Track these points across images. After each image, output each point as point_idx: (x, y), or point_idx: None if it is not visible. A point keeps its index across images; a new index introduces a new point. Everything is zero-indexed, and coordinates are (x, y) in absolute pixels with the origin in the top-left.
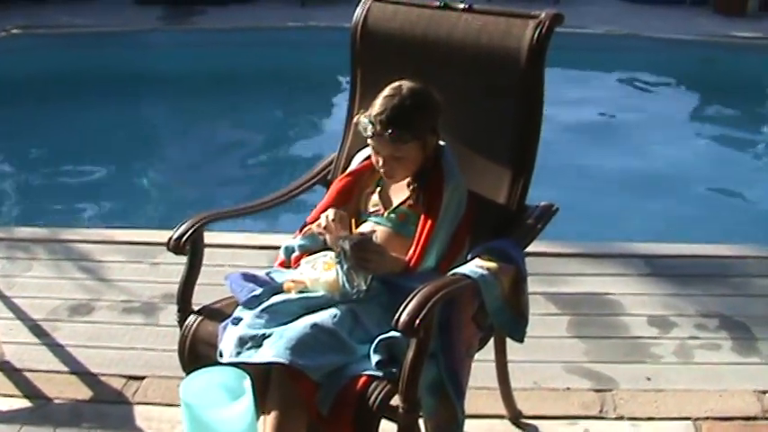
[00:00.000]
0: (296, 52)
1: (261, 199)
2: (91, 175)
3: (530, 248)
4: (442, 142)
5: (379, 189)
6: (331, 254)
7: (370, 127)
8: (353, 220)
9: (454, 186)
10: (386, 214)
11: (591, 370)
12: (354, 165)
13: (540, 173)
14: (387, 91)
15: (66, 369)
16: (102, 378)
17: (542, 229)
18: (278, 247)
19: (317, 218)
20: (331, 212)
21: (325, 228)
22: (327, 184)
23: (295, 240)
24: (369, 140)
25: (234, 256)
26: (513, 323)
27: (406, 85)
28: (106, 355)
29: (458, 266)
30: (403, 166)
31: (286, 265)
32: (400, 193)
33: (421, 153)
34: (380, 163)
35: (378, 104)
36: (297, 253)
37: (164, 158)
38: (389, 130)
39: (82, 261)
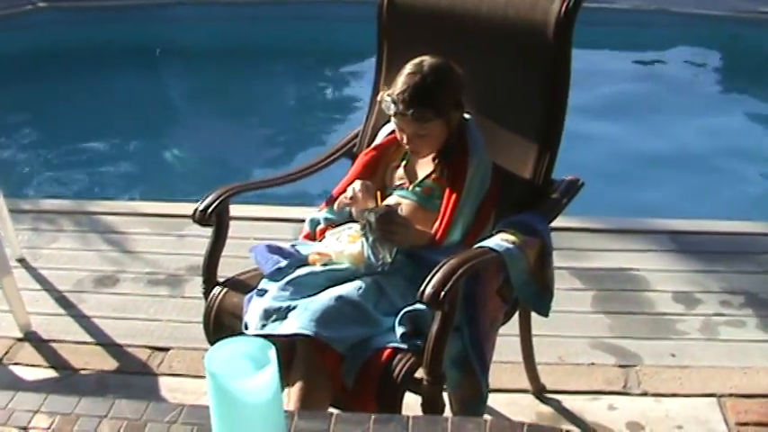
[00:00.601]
0: (323, 26)
1: (286, 171)
2: (117, 148)
3: (555, 223)
4: (467, 116)
5: (404, 163)
6: (356, 226)
7: (392, 106)
8: (379, 194)
9: (478, 160)
10: (411, 188)
11: (615, 345)
12: (380, 138)
13: (566, 147)
14: (408, 68)
15: (91, 340)
16: (128, 349)
17: (568, 204)
18: (303, 220)
19: (343, 190)
20: (358, 184)
21: (351, 198)
22: (353, 158)
23: (320, 213)
24: (392, 119)
25: (259, 228)
26: (539, 297)
27: (427, 61)
28: (132, 326)
29: (483, 240)
30: (427, 143)
31: (311, 237)
32: (425, 166)
33: (445, 129)
34: (405, 140)
35: (399, 83)
36: (322, 225)
37: (189, 132)
38: (412, 110)
39: (107, 233)
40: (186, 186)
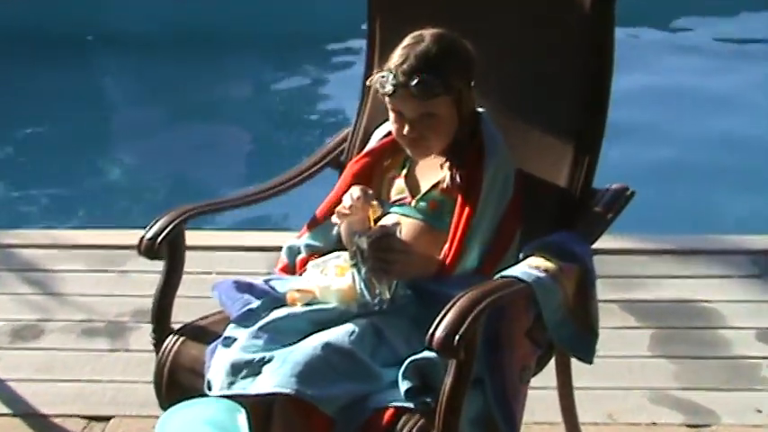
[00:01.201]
0: (299, 3)
1: (257, 188)
2: (38, 161)
3: (599, 243)
4: (480, 109)
5: (404, 172)
6: (345, 255)
7: (390, 78)
8: (372, 211)
9: (497, 162)
10: (414, 202)
11: (682, 399)
12: (374, 142)
13: (611, 148)
14: (407, 40)
15: (7, 411)
16: (56, 420)
17: (615, 219)
18: (279, 248)
19: (330, 209)
20: (356, 190)
21: (350, 209)
22: (341, 168)
23: (301, 239)
24: (388, 102)
25: (223, 260)
26: (580, 339)
27: (429, 31)
28: (61, 390)
29: (506, 267)
30: (434, 131)
31: (290, 270)
32: (431, 174)
33: (455, 114)
34: (405, 130)
35: (397, 55)
36: (303, 254)
37: (133, 140)
38: (415, 79)
39: (27, 271)
40: (130, 209)
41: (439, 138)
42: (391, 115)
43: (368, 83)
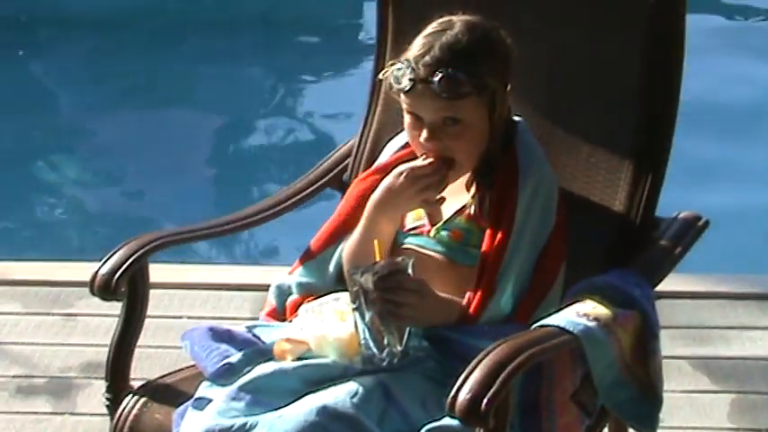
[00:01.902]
0: None
1: (239, 213)
2: None
3: (664, 285)
4: (517, 117)
5: None
6: (345, 296)
7: (408, 71)
8: (377, 243)
9: (536, 182)
10: (433, 232)
11: None
12: (386, 156)
13: (677, 168)
14: (432, 27)
15: None
16: None
17: (684, 255)
18: (266, 288)
19: (327, 241)
20: (404, 167)
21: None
22: (343, 189)
23: (292, 276)
24: (404, 102)
25: (196, 301)
26: (639, 405)
27: (460, 17)
28: None
29: (547, 315)
30: (459, 141)
31: (278, 315)
32: (455, 197)
33: (486, 120)
34: (423, 138)
35: (418, 45)
36: (295, 296)
37: (85, 146)
38: (439, 74)
39: None
40: (80, 237)
41: (465, 150)
42: (407, 119)
43: (380, 77)
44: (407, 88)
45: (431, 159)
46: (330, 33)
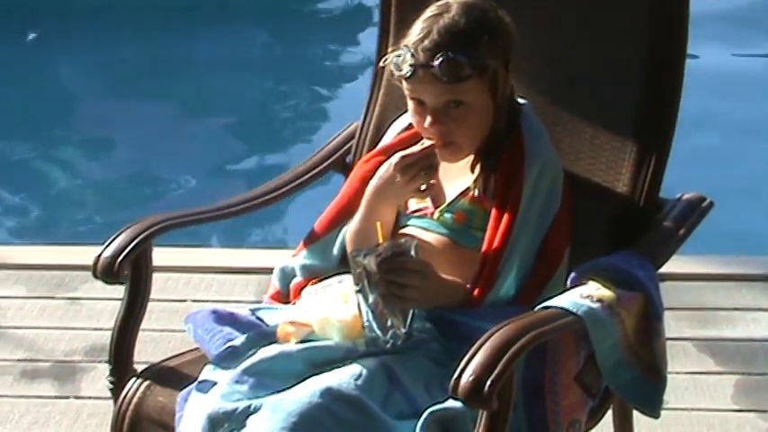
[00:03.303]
0: None
1: (243, 196)
2: None
3: (668, 267)
4: (521, 100)
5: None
6: (348, 278)
7: (408, 57)
8: (380, 225)
9: (541, 165)
10: (437, 214)
11: None
12: (389, 138)
13: (683, 147)
14: (429, 11)
15: None
16: None
17: (688, 236)
18: (270, 271)
19: (331, 223)
20: (396, 157)
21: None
22: (347, 171)
23: (296, 259)
24: (406, 88)
25: (200, 284)
26: (643, 386)
27: (456, 1)
28: None
29: (551, 296)
30: (463, 124)
31: (282, 298)
32: (459, 179)
33: (489, 102)
34: (427, 122)
35: (417, 30)
36: (299, 278)
37: (88, 130)
38: (440, 58)
39: None
40: (83, 220)
41: (469, 133)
42: (410, 105)
43: (381, 63)
44: (408, 74)
45: (420, 147)
46: (334, 14)
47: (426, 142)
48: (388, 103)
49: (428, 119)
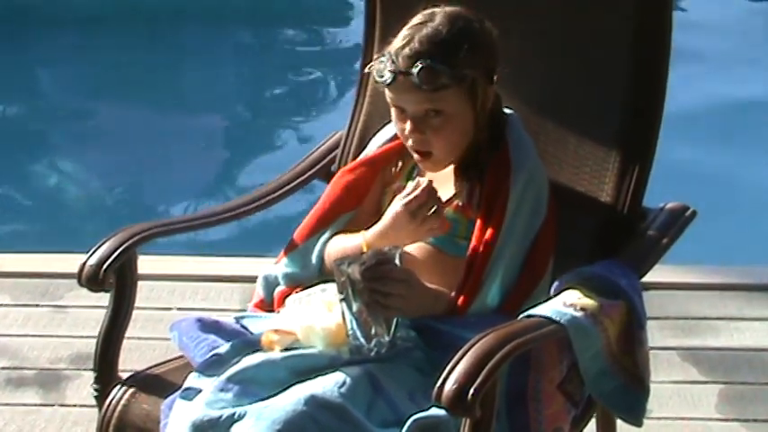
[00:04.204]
0: None
1: (228, 204)
2: None
3: (651, 276)
4: (508, 110)
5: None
6: (332, 287)
7: (389, 65)
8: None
9: (528, 176)
10: None
11: None
12: (373, 148)
13: (666, 157)
14: (415, 19)
15: None
16: None
17: (671, 245)
18: (254, 279)
19: (311, 231)
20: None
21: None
22: (331, 179)
23: (278, 267)
24: (388, 96)
25: (185, 292)
26: (626, 395)
27: (443, 9)
28: None
29: (535, 305)
30: (442, 133)
31: (266, 306)
32: (444, 188)
33: (470, 111)
34: (407, 130)
35: (400, 37)
36: (282, 286)
37: (73, 137)
38: (419, 66)
39: None
40: (69, 227)
41: (447, 142)
42: (393, 112)
43: (366, 70)
44: (389, 81)
45: (421, 187)
46: (319, 26)
47: (422, 180)
48: (372, 112)
49: (408, 125)
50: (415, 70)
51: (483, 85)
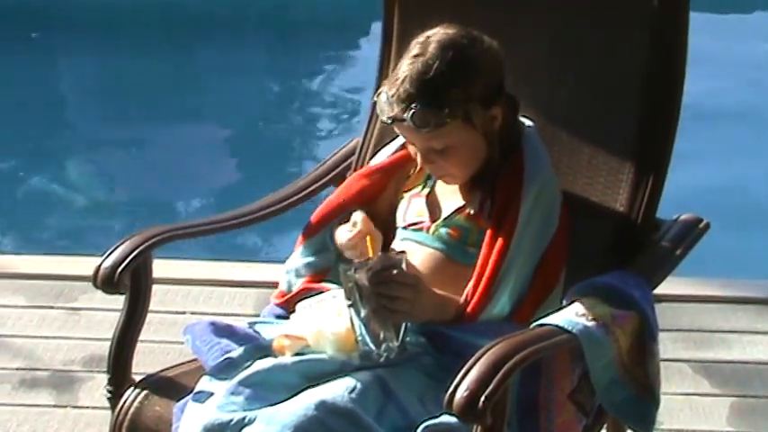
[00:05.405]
0: None
1: (244, 209)
2: None
3: (664, 288)
4: (528, 122)
5: (426, 190)
6: (342, 293)
7: (386, 109)
8: (369, 238)
9: (540, 187)
10: (432, 228)
11: None
12: (383, 157)
13: (680, 170)
14: (412, 48)
15: None
16: None
17: (684, 257)
18: (269, 284)
19: (330, 212)
20: (359, 215)
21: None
22: None
23: (296, 256)
24: (395, 128)
25: (200, 296)
26: (636, 406)
27: (437, 36)
28: None
29: (546, 314)
30: (454, 162)
31: (287, 300)
32: (456, 195)
33: (476, 136)
34: (419, 162)
35: (400, 70)
36: (304, 276)
37: (89, 141)
38: (411, 111)
39: None
40: (84, 230)
41: (460, 165)
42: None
43: (373, 98)
44: (389, 123)
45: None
46: (341, 31)
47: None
48: None
49: (418, 158)
50: (407, 115)
51: (480, 113)
